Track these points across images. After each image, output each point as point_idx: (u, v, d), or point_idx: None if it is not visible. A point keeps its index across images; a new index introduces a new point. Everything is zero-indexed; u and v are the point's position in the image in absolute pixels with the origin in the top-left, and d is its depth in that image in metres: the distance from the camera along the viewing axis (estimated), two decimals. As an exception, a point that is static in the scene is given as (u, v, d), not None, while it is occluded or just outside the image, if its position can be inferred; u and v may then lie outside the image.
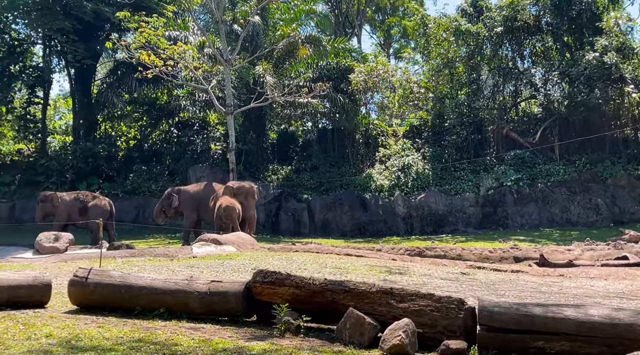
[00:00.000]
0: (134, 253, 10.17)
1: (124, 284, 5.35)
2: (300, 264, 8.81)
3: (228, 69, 20.86)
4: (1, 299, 5.43)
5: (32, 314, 5.23)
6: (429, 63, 26.90)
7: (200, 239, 11.89)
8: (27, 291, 5.57)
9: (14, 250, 17.39)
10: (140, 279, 5.42)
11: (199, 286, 5.23)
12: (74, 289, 5.48)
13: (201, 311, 5.22)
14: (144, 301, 5.30)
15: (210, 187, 18.41)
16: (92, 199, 18.71)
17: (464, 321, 4.21)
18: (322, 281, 4.73)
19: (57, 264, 8.89)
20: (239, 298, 5.07)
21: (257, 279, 4.98)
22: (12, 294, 5.48)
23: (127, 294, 5.31)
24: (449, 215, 23.60)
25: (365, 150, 27.32)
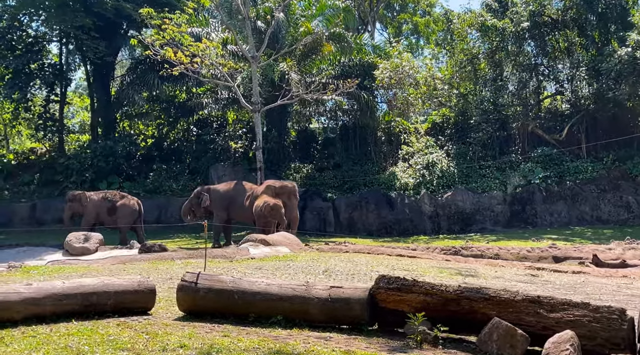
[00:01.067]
0: (192, 254, 9.82)
1: (237, 290, 5.01)
2: (365, 265, 8.47)
3: (255, 66, 20.51)
4: (108, 305, 5.12)
5: (145, 321, 4.90)
6: (453, 59, 26.48)
7: (247, 239, 11.56)
8: (133, 297, 5.27)
9: (42, 250, 17.07)
10: (253, 284, 5.07)
11: (318, 292, 4.89)
12: (183, 295, 5.15)
13: (322, 318, 4.89)
14: (259, 308, 4.97)
15: (240, 187, 18.08)
16: (121, 198, 18.39)
17: (627, 333, 3.87)
18: (456, 288, 4.39)
19: (118, 266, 8.53)
20: (362, 305, 4.74)
21: (380, 285, 4.64)
22: (118, 300, 5.18)
23: (241, 300, 4.97)
24: (477, 214, 23.25)
25: (387, 147, 26.96)
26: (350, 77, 24.44)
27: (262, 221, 14.64)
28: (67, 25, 23.45)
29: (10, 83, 25.56)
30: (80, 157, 25.34)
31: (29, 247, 17.50)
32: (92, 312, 5.00)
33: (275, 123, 26.41)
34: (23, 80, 25.77)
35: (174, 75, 24.01)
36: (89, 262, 9.44)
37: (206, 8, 24.96)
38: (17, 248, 17.49)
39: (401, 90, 24.51)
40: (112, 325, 4.68)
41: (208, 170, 25.65)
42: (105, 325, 4.67)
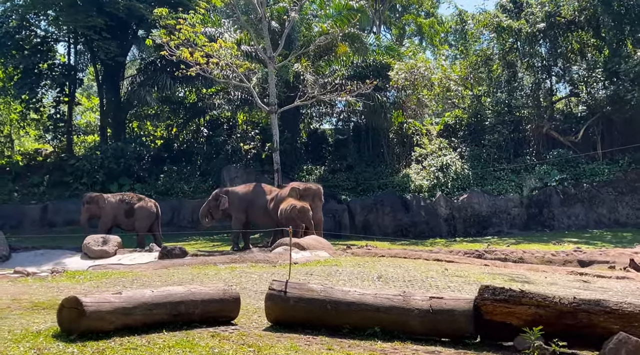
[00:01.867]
0: (235, 259, 9.54)
1: (330, 300, 4.76)
2: (415, 271, 8.22)
3: (271, 66, 20.26)
4: (195, 314, 4.87)
5: (237, 332, 4.65)
6: (466, 60, 26.29)
7: (280, 243, 11.29)
8: (218, 306, 5.02)
9: (60, 253, 16.79)
10: (347, 293, 4.82)
11: (417, 303, 4.64)
12: (271, 304, 4.89)
13: (422, 331, 4.65)
14: (354, 319, 4.72)
15: (259, 189, 17.83)
16: (138, 200, 18.12)
17: None
18: (572, 300, 4.15)
19: (164, 272, 8.23)
20: (467, 317, 4.50)
21: (486, 296, 4.40)
22: (204, 309, 4.93)
23: (334, 311, 4.71)
24: (493, 217, 23.04)
25: (400, 149, 26.74)
26: (363, 78, 24.24)
27: (290, 224, 14.34)
28: (79, 25, 23.16)
29: (20, 83, 25.25)
30: (90, 159, 25.03)
31: (45, 250, 17.20)
32: (180, 322, 4.77)
33: (288, 124, 26.15)
34: (33, 80, 25.47)
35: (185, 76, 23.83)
36: (131, 267, 9.16)
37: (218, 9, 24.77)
38: (33, 251, 17.21)
39: (415, 91, 24.25)
40: (206, 336, 4.44)
41: (220, 172, 25.38)
42: (199, 336, 4.43)
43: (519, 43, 25.71)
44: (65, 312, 4.44)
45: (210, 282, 6.97)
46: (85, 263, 15.81)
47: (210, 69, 20.00)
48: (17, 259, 16.51)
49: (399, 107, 25.23)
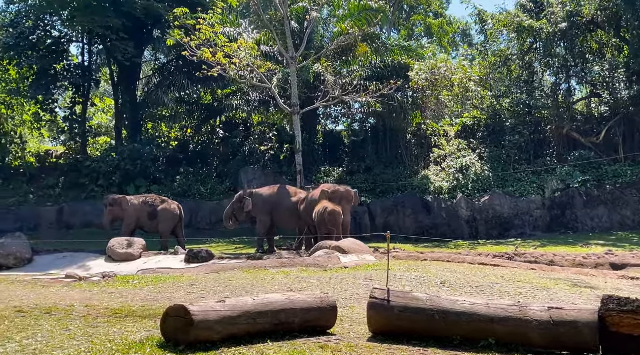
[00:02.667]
0: (284, 263, 9.27)
1: (438, 309, 4.50)
2: (476, 276, 7.95)
3: (293, 67, 20.03)
4: (295, 323, 4.64)
5: (342, 343, 4.42)
6: (486, 60, 26.03)
7: (320, 247, 11.03)
8: (317, 314, 4.78)
9: (84, 256, 16.57)
10: (455, 303, 4.56)
11: (535, 313, 4.37)
12: (374, 314, 4.63)
13: (542, 343, 4.38)
14: (465, 330, 4.46)
15: (284, 191, 17.58)
16: (161, 202, 17.91)
17: None
18: None
19: (215, 277, 7.97)
20: (592, 329, 4.23)
21: (611, 307, 4.14)
22: (303, 318, 4.70)
23: (443, 321, 4.46)
24: (515, 219, 22.75)
25: (418, 150, 26.50)
26: (381, 79, 24.07)
27: (322, 227, 14.08)
28: (96, 25, 22.94)
29: (35, 84, 25.03)
30: (106, 160, 24.79)
31: (68, 253, 17.00)
32: (281, 331, 4.54)
33: (305, 126, 25.84)
34: (48, 81, 25.25)
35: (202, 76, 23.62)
36: (181, 271, 8.88)
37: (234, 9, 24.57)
38: (56, 254, 17.00)
39: (435, 92, 23.99)
40: (314, 347, 4.20)
41: (238, 174, 25.15)
42: (306, 347, 4.20)
43: (539, 43, 25.45)
44: (170, 321, 4.21)
45: (272, 287, 6.72)
46: (109, 266, 15.56)
47: (233, 70, 19.79)
48: (40, 262, 16.29)
49: (418, 108, 24.94)
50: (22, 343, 4.13)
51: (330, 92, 21.29)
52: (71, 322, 4.83)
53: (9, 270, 15.56)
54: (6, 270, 15.51)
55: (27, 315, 5.03)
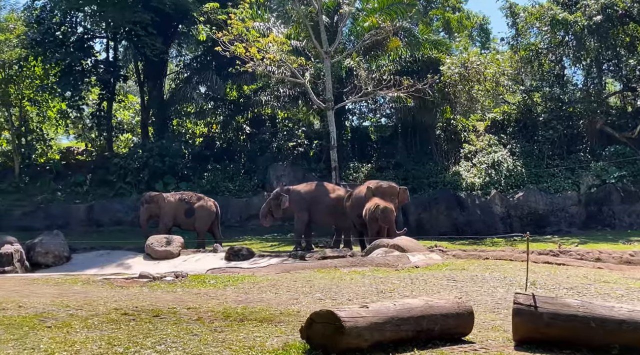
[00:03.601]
0: (354, 262, 8.98)
1: (593, 316, 4.20)
2: (553, 276, 7.63)
3: (328, 62, 19.72)
4: (435, 330, 4.34)
5: (493, 352, 4.11)
6: (518, 54, 25.59)
7: (377, 245, 10.73)
8: (455, 321, 4.48)
9: (122, 254, 16.47)
10: (611, 310, 4.24)
11: None
12: (520, 321, 4.30)
13: None
14: (626, 338, 4.15)
15: (322, 187, 17.31)
16: (198, 200, 17.74)
17: None
18: None
19: (288, 276, 7.69)
20: None
21: None
22: (443, 325, 4.40)
23: (601, 329, 4.15)
24: (550, 215, 22.36)
25: (448, 146, 26.13)
26: (410, 73, 23.71)
27: (374, 224, 13.76)
28: (125, 20, 22.73)
29: (63, 81, 24.86)
30: (134, 157, 24.61)
31: (105, 251, 16.89)
32: (422, 338, 4.26)
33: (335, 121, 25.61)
34: (76, 77, 25.09)
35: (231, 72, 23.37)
36: (251, 271, 8.62)
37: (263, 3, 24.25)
38: (93, 251, 16.89)
39: (467, 86, 23.60)
40: None
41: (266, 170, 24.90)
42: None
43: (571, 36, 24.99)
44: (317, 327, 3.95)
45: (358, 288, 6.43)
46: (149, 264, 15.38)
47: (265, 65, 19.54)
48: (78, 260, 16.17)
49: (450, 103, 24.57)
50: (156, 349, 3.88)
51: (363, 87, 20.96)
52: (189, 325, 4.55)
53: (47, 268, 15.45)
54: (45, 269, 15.41)
55: (137, 319, 4.76)
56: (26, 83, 26.69)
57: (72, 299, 5.84)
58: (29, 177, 26.19)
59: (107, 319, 4.81)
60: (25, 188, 25.38)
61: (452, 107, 25.07)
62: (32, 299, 5.82)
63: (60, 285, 7.23)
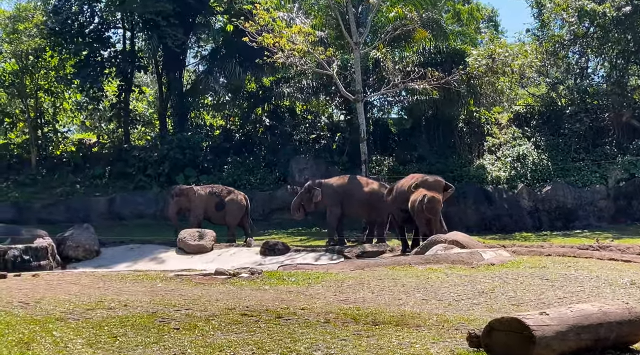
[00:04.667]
0: (428, 259, 8.64)
1: None
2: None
3: (357, 53, 19.35)
4: (610, 339, 4.01)
5: None
6: (542, 46, 25.18)
7: (434, 241, 10.38)
8: (628, 328, 4.12)
9: (153, 248, 16.14)
10: None
11: None
12: None
13: None
14: None
15: (356, 181, 16.99)
16: (228, 193, 17.42)
17: None
18: None
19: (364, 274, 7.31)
20: None
21: None
22: (618, 333, 4.05)
23: None
24: (579, 209, 22.04)
25: (471, 139, 25.78)
26: (434, 65, 23.35)
27: (421, 217, 13.37)
28: (147, 10, 22.30)
29: (83, 72, 24.47)
30: (155, 149, 24.24)
31: (135, 245, 16.55)
32: (599, 348, 3.93)
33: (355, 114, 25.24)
34: (95, 68, 24.70)
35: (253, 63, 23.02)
36: (324, 268, 8.26)
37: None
38: (123, 246, 16.57)
39: (493, 78, 23.22)
40: None
41: (288, 163, 24.54)
42: None
43: (596, 28, 24.60)
44: (498, 336, 3.61)
45: (454, 288, 6.10)
46: (182, 258, 15.07)
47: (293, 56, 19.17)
48: (108, 254, 15.83)
49: (475, 95, 24.20)
50: (309, 354, 3.54)
51: (391, 78, 20.61)
52: (325, 328, 4.18)
53: (78, 262, 15.13)
54: (76, 263, 15.08)
55: (260, 320, 4.42)
56: (41, 74, 26.31)
57: (170, 298, 5.52)
58: (46, 169, 25.86)
59: (229, 320, 4.48)
60: (42, 180, 25.04)
61: (477, 100, 24.70)
62: (128, 297, 5.51)
63: (140, 281, 6.90)
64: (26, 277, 7.24)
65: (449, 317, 4.65)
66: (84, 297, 5.50)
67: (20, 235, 14.60)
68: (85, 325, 4.23)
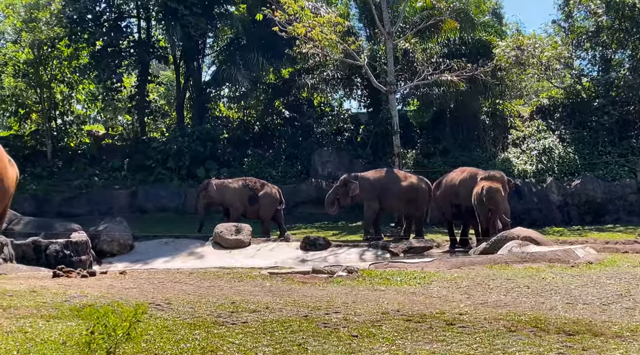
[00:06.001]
0: (525, 258, 8.22)
1: None
2: None
3: (390, 43, 18.91)
4: None
5: None
6: (569, 37, 24.81)
7: (506, 237, 9.97)
8: None
9: (188, 242, 15.75)
10: None
11: None
12: None
13: None
14: None
15: (393, 174, 16.60)
16: (261, 187, 16.99)
17: None
18: None
19: (473, 273, 6.93)
20: None
21: None
22: None
23: None
24: (609, 204, 21.74)
25: (495, 132, 25.43)
26: (459, 56, 22.98)
27: (483, 209, 12.93)
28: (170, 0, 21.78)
29: (102, 63, 23.92)
30: (174, 142, 23.74)
31: (168, 239, 16.14)
32: None
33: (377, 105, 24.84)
34: (114, 58, 24.16)
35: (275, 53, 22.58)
36: (417, 266, 7.83)
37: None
38: (156, 240, 16.15)
39: (521, 70, 22.85)
40: None
41: (310, 156, 24.12)
42: None
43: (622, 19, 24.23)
44: None
45: (594, 291, 5.69)
46: (221, 253, 14.67)
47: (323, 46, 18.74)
48: (141, 248, 15.43)
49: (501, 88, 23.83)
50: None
51: (420, 69, 20.20)
52: (519, 338, 3.74)
53: (113, 257, 14.73)
54: (110, 258, 14.68)
55: (433, 327, 3.96)
56: (55, 64, 25.73)
57: (296, 299, 5.12)
58: (62, 161, 25.34)
59: (398, 326, 4.05)
60: (59, 173, 24.53)
61: (503, 92, 24.34)
62: (251, 297, 5.09)
63: (243, 280, 6.43)
64: (114, 275, 6.81)
65: (632, 326, 4.26)
66: (211, 298, 5.09)
67: (54, 229, 14.19)
68: (251, 330, 3.83)
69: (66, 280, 6.24)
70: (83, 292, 5.23)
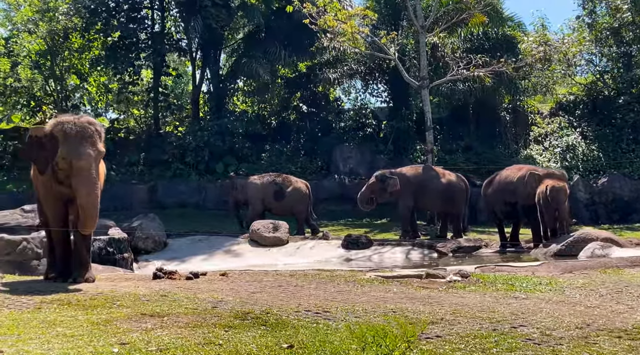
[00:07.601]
0: (635, 261, 7.83)
1: None
2: None
3: (423, 37, 18.52)
4: None
5: None
6: (592, 33, 24.53)
7: (584, 239, 9.57)
8: None
9: (222, 240, 15.35)
10: None
11: None
12: None
13: None
14: None
15: (431, 171, 16.20)
16: (289, 182, 16.60)
17: None
18: None
19: (604, 279, 6.53)
20: None
21: None
22: None
23: None
24: (636, 202, 21.49)
25: (516, 128, 25.16)
26: (482, 51, 22.64)
27: (549, 209, 12.49)
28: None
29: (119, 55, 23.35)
30: (194, 136, 23.24)
31: (202, 236, 15.70)
32: None
33: (399, 101, 24.51)
34: (131, 50, 23.59)
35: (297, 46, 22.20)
36: (526, 270, 7.40)
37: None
38: (188, 237, 15.72)
39: (546, 66, 22.56)
40: None
41: (331, 152, 23.71)
42: None
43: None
44: None
45: None
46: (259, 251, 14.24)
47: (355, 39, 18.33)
48: (175, 246, 15.00)
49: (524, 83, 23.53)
50: None
51: (450, 63, 19.84)
52: None
53: (148, 254, 14.30)
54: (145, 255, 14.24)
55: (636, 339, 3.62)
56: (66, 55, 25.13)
57: (449, 308, 4.71)
58: (77, 155, 24.69)
59: (620, 345, 3.68)
60: (74, 167, 23.91)
61: (527, 88, 24.05)
62: (403, 305, 4.69)
63: (351, 282, 5.98)
64: (215, 277, 6.37)
65: None
66: (365, 305, 4.67)
67: (88, 226, 13.67)
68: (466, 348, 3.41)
69: (173, 282, 5.82)
70: (215, 296, 4.81)
